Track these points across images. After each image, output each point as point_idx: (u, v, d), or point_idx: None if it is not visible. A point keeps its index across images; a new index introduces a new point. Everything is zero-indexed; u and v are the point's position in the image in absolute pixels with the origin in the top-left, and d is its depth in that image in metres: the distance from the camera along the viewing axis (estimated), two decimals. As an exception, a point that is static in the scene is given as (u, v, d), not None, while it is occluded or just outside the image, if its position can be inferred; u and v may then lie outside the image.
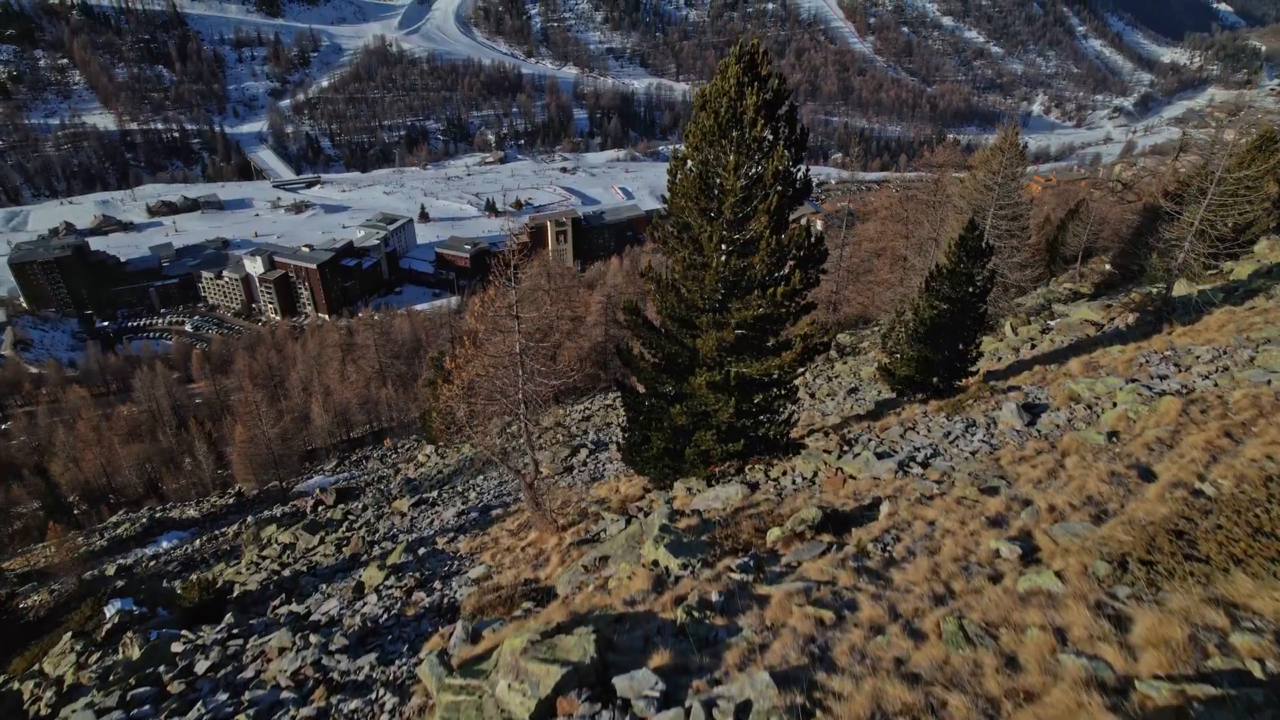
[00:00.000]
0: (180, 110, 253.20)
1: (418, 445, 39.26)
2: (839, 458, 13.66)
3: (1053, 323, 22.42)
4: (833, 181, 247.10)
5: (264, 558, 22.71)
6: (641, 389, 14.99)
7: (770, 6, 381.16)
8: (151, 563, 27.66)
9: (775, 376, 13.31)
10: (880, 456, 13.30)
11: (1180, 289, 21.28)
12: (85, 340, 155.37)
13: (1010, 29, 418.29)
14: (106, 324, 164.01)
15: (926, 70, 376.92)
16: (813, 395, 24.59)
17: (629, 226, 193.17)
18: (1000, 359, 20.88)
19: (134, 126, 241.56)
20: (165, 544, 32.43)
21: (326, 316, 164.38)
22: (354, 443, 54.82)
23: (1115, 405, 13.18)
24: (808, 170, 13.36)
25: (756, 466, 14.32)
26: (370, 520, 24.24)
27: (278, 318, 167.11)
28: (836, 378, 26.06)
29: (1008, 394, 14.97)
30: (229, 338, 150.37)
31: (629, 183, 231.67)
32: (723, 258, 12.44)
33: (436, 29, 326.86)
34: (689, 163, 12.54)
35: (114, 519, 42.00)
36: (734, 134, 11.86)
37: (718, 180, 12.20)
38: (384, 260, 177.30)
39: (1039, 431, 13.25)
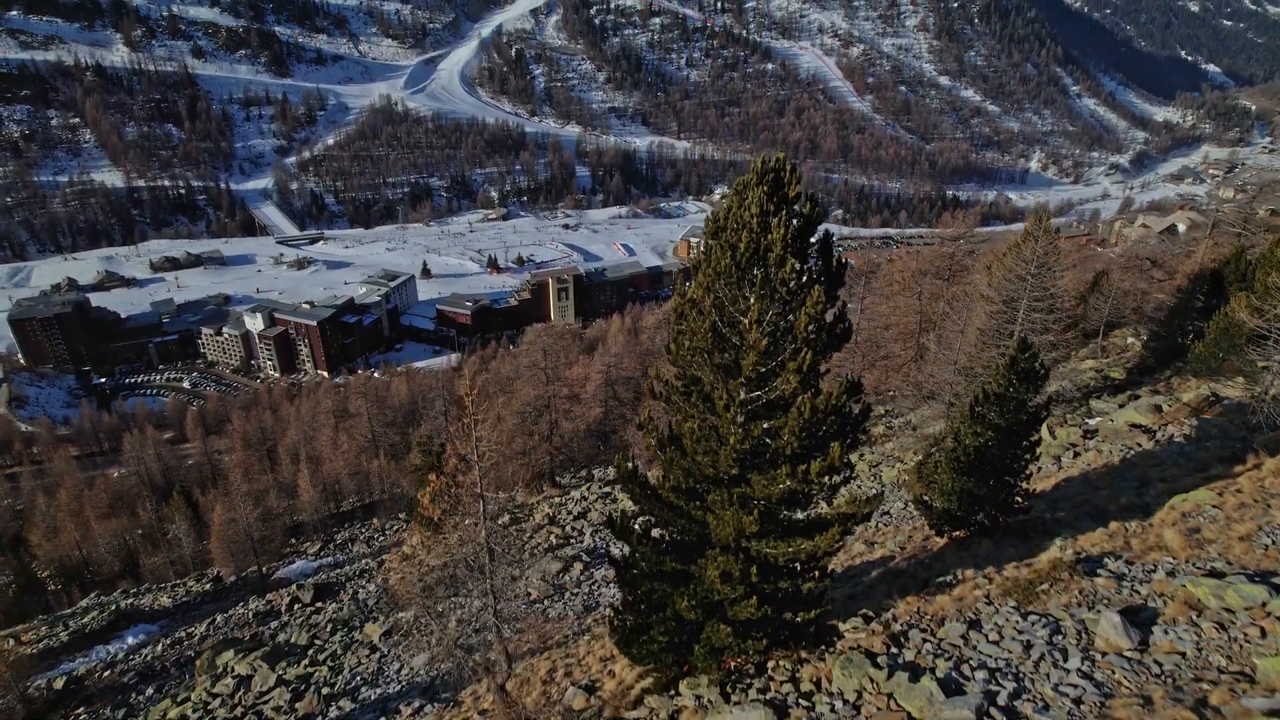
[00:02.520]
0: (187, 167, 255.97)
1: (406, 526, 37.24)
2: (888, 674, 10.47)
3: (1092, 422, 20.59)
4: (834, 238, 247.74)
5: (214, 695, 20.55)
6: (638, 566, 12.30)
7: (769, 67, 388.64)
8: (107, 672, 25.57)
9: (806, 561, 10.82)
10: (947, 689, 9.95)
11: (1237, 390, 19.50)
12: (81, 397, 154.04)
13: (1006, 88, 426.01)
14: (104, 381, 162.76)
15: (925, 128, 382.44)
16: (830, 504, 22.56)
17: (630, 283, 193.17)
18: (1040, 469, 19.13)
19: (141, 183, 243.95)
20: (130, 639, 30.21)
21: (325, 374, 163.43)
22: (343, 516, 52.76)
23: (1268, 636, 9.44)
24: (845, 308, 11.19)
25: (782, 664, 11.85)
26: (336, 652, 22.12)
27: (277, 375, 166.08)
28: (855, 479, 24.23)
29: (1091, 575, 11.87)
30: (226, 396, 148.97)
31: (631, 239, 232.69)
32: (740, 420, 10.25)
33: (442, 88, 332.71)
34: (698, 305, 10.38)
35: (84, 603, 39.74)
36: (756, 274, 9.84)
37: (735, 329, 10.12)
38: (385, 317, 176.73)
39: (1159, 667, 9.58)
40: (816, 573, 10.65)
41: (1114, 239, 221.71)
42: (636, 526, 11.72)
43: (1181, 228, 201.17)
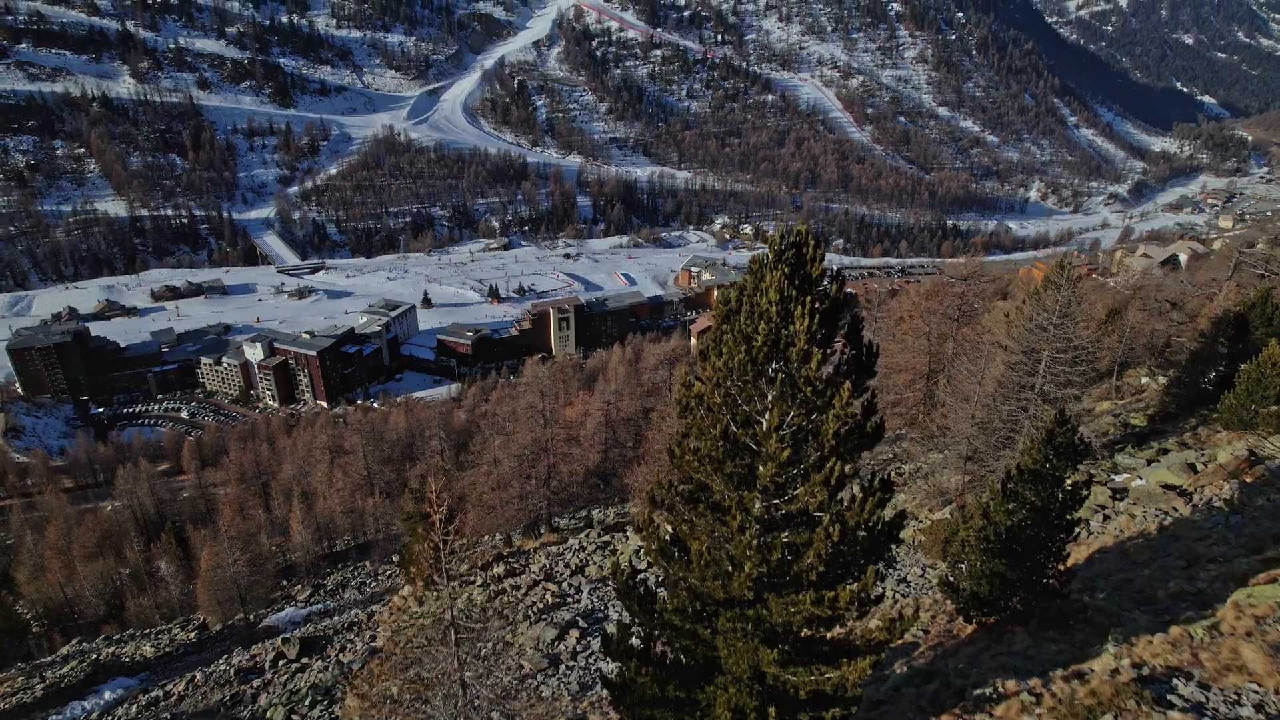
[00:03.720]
0: (190, 197, 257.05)
1: (399, 572, 36.05)
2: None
3: (1118, 478, 19.43)
4: (834, 267, 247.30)
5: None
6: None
7: (770, 98, 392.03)
8: (80, 735, 24.38)
9: (832, 694, 9.03)
10: None
11: (1276, 449, 18.45)
12: (78, 428, 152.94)
13: (1004, 119, 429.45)
14: (101, 411, 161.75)
15: (924, 158, 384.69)
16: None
17: (631, 313, 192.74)
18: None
19: (144, 213, 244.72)
20: (108, 694, 28.92)
21: (325, 404, 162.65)
22: (336, 557, 51.49)
23: None
24: (874, 399, 9.60)
25: (802, 805, 10.42)
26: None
27: (276, 405, 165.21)
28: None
29: (1162, 704, 9.82)
30: (224, 426, 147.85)
31: (632, 268, 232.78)
32: (755, 541, 8.69)
33: (445, 119, 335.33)
34: (707, 402, 8.94)
35: (65, 650, 38.40)
36: (776, 369, 8.48)
37: (750, 430, 8.64)
38: (385, 347, 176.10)
39: None
40: (840, 707, 9.20)
41: (1115, 268, 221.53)
42: (635, 641, 10.39)
43: (1183, 258, 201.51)
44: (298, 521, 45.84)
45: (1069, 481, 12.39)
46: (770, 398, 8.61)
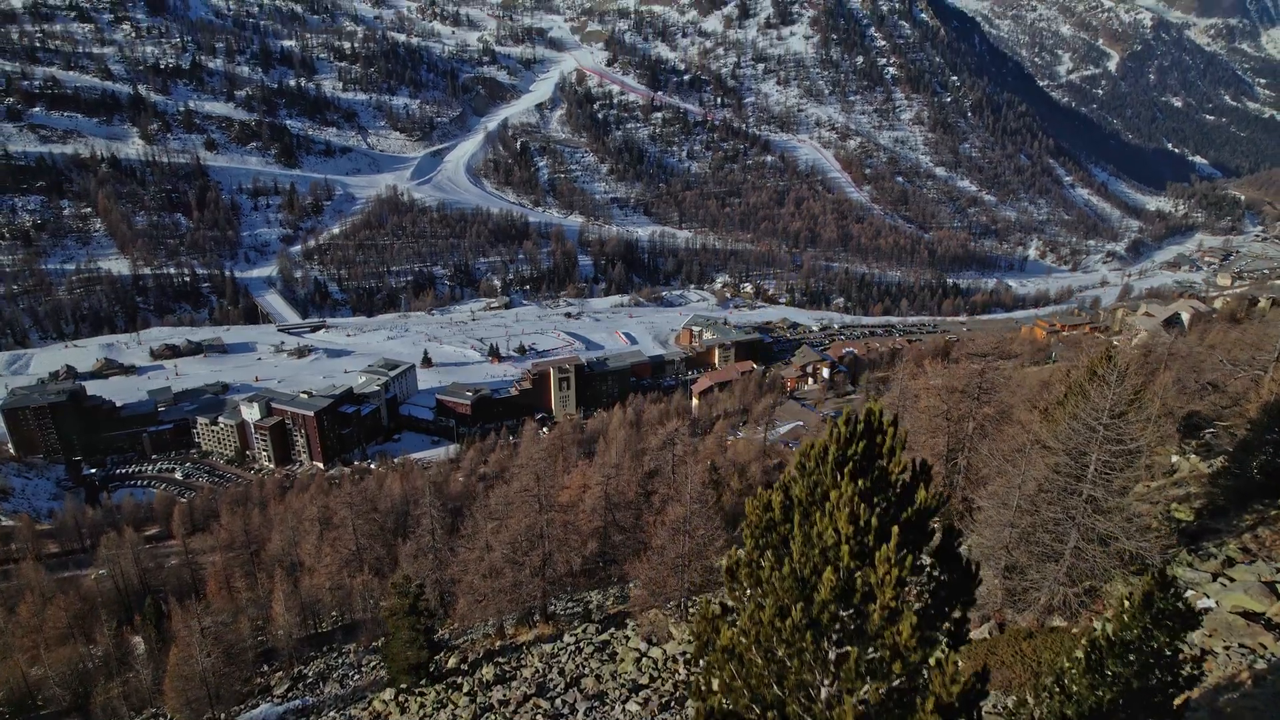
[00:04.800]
0: (194, 256, 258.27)
1: (381, 665, 33.70)
2: None
3: (1188, 593, 17.33)
4: (835, 326, 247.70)
5: None
6: None
7: (769, 159, 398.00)
8: None
9: None
10: None
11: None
12: (69, 489, 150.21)
13: (1001, 178, 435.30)
14: (94, 471, 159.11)
15: (923, 217, 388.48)
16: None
17: (632, 372, 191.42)
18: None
19: (147, 271, 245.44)
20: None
21: (321, 465, 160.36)
22: (321, 638, 48.91)
23: None
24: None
25: None
26: None
27: (272, 466, 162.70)
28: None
29: None
30: (218, 488, 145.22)
31: (633, 327, 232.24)
32: None
33: (448, 179, 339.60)
34: (741, 657, 6.48)
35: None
36: (844, 620, 6.18)
37: (802, 696, 6.25)
38: (384, 407, 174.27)
39: None
40: None
41: (1117, 326, 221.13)
42: None
43: (1185, 317, 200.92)
44: (281, 603, 43.50)
45: (1167, 653, 10.28)
46: (835, 666, 6.23)
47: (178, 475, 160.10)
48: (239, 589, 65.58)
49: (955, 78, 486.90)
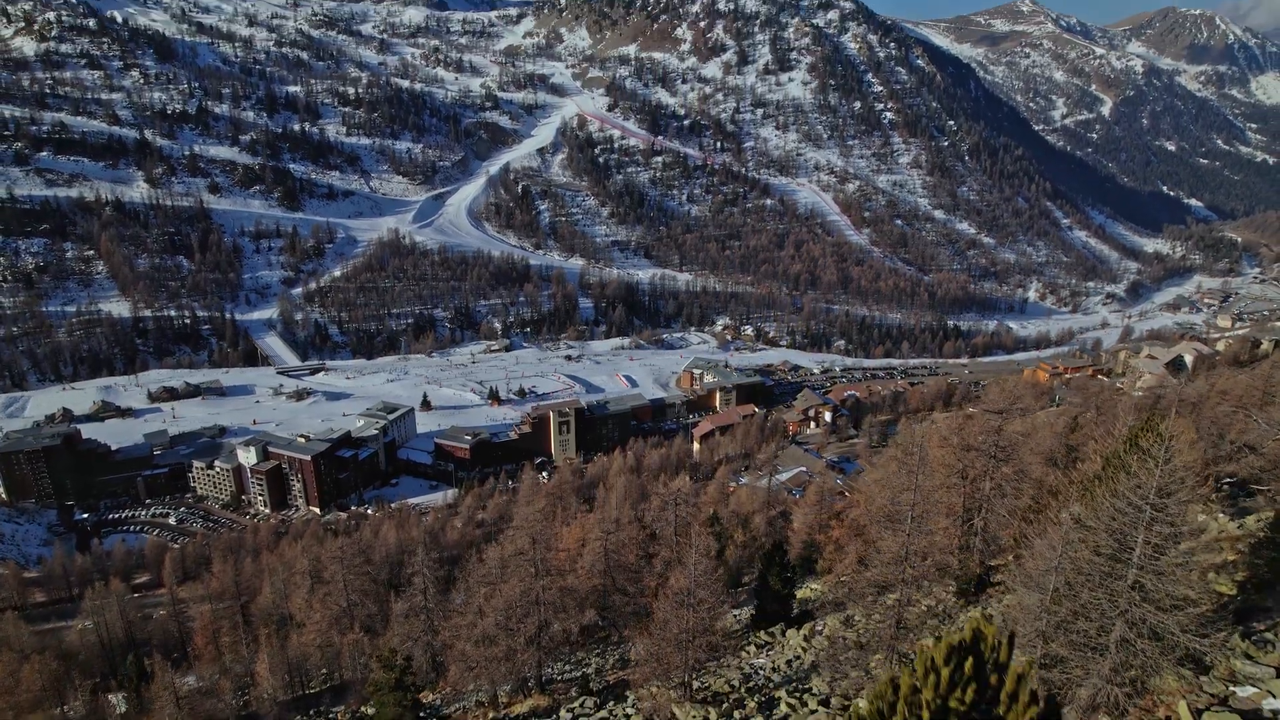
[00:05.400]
0: (195, 298, 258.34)
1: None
2: None
3: (1242, 692, 15.65)
4: (837, 368, 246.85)
5: None
6: None
7: (768, 202, 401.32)
8: None
9: None
10: None
11: None
12: (60, 535, 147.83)
13: (999, 221, 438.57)
14: (86, 516, 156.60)
15: (922, 259, 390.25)
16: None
17: (633, 416, 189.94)
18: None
19: (147, 313, 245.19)
20: None
21: (318, 510, 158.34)
22: (308, 700, 46.93)
23: None
24: None
25: None
26: None
27: (267, 510, 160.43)
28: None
29: None
30: (212, 535, 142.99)
31: (633, 370, 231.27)
32: None
33: (449, 223, 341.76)
34: None
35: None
36: None
37: None
38: (382, 451, 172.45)
39: None
40: None
41: (1120, 368, 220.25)
42: None
43: (1189, 359, 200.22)
44: (264, 665, 41.71)
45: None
46: None
47: (171, 520, 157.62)
48: (226, 643, 63.65)
49: (952, 122, 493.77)
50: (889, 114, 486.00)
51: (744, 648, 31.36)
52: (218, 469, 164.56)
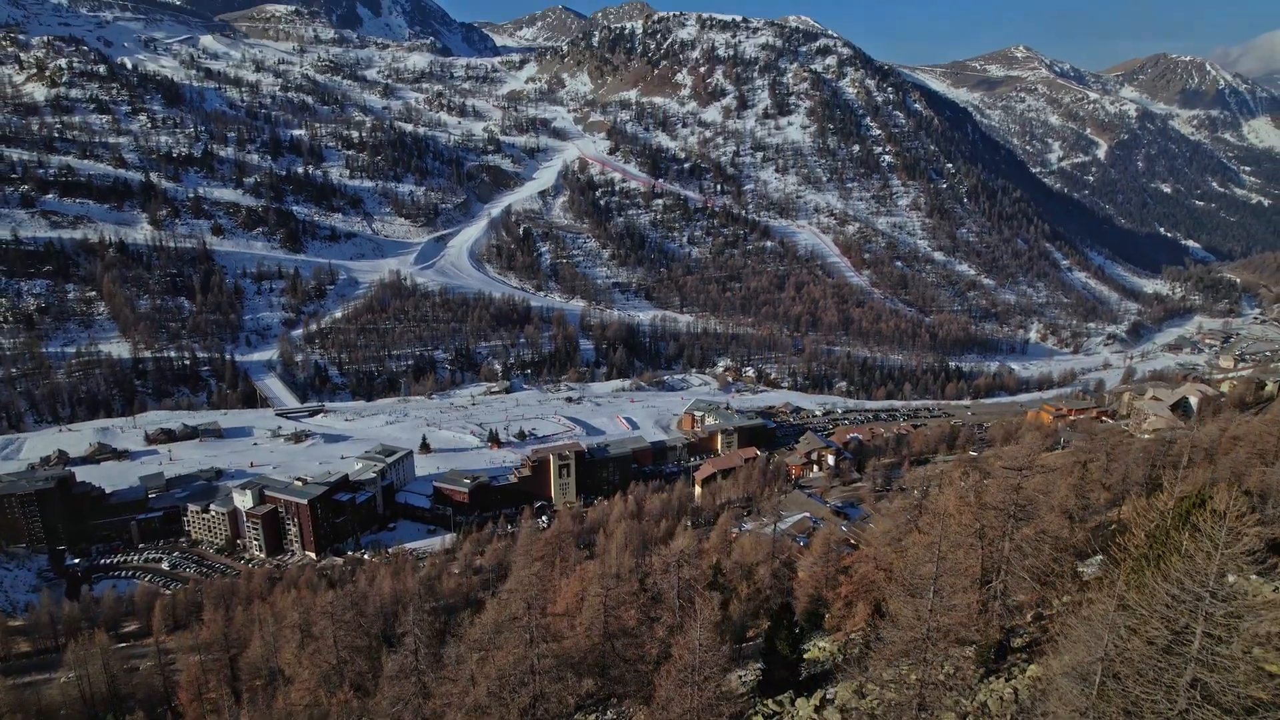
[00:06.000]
0: (195, 339, 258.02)
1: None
2: None
3: None
4: (839, 410, 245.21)
5: None
6: None
7: (769, 244, 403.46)
8: None
9: None
10: None
11: None
12: (50, 580, 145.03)
13: (999, 262, 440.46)
14: (77, 562, 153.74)
15: (923, 301, 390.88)
16: None
17: (634, 458, 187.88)
18: None
19: (147, 354, 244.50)
20: None
21: (314, 555, 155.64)
22: (297, 766, 44.89)
23: None
24: None
25: None
26: None
27: (262, 555, 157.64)
28: None
29: None
30: (204, 581, 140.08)
31: (634, 412, 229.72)
32: None
33: (450, 264, 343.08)
34: None
35: None
36: None
37: None
38: (379, 494, 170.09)
39: None
40: None
41: (1124, 410, 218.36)
42: None
43: (1194, 401, 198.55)
44: (250, 731, 39.87)
45: None
46: None
47: (164, 566, 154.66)
48: (212, 699, 61.49)
49: (950, 165, 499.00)
50: (887, 157, 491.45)
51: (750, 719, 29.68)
52: (213, 513, 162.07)
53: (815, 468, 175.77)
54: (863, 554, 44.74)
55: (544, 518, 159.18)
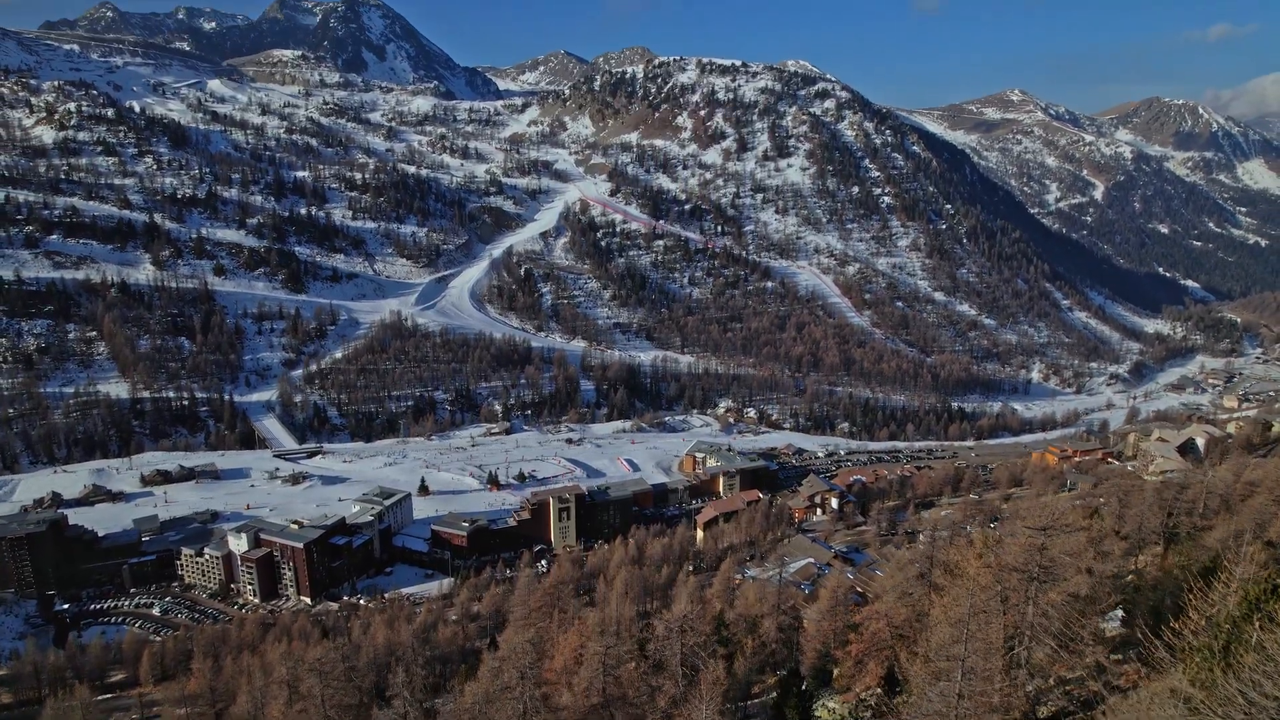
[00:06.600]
0: (194, 379, 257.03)
1: None
2: None
3: None
4: (841, 451, 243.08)
5: None
6: None
7: (769, 285, 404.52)
8: None
9: None
10: None
11: None
12: (39, 627, 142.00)
13: (999, 302, 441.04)
14: (66, 607, 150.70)
15: (924, 341, 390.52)
16: None
17: (635, 501, 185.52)
18: None
19: (146, 394, 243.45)
20: None
21: (309, 600, 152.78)
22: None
23: None
24: None
25: None
26: None
27: (256, 600, 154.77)
28: None
29: None
30: (196, 627, 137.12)
31: (635, 454, 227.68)
32: None
33: (452, 305, 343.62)
34: None
35: None
36: None
37: None
38: (377, 538, 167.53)
39: None
40: None
41: (1130, 451, 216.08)
42: None
43: (1201, 442, 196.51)
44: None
45: None
46: None
47: (155, 611, 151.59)
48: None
49: (949, 206, 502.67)
50: (887, 198, 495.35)
51: (760, 794, 27.91)
52: (207, 556, 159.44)
53: (819, 511, 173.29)
54: (873, 610, 43.07)
55: (543, 562, 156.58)
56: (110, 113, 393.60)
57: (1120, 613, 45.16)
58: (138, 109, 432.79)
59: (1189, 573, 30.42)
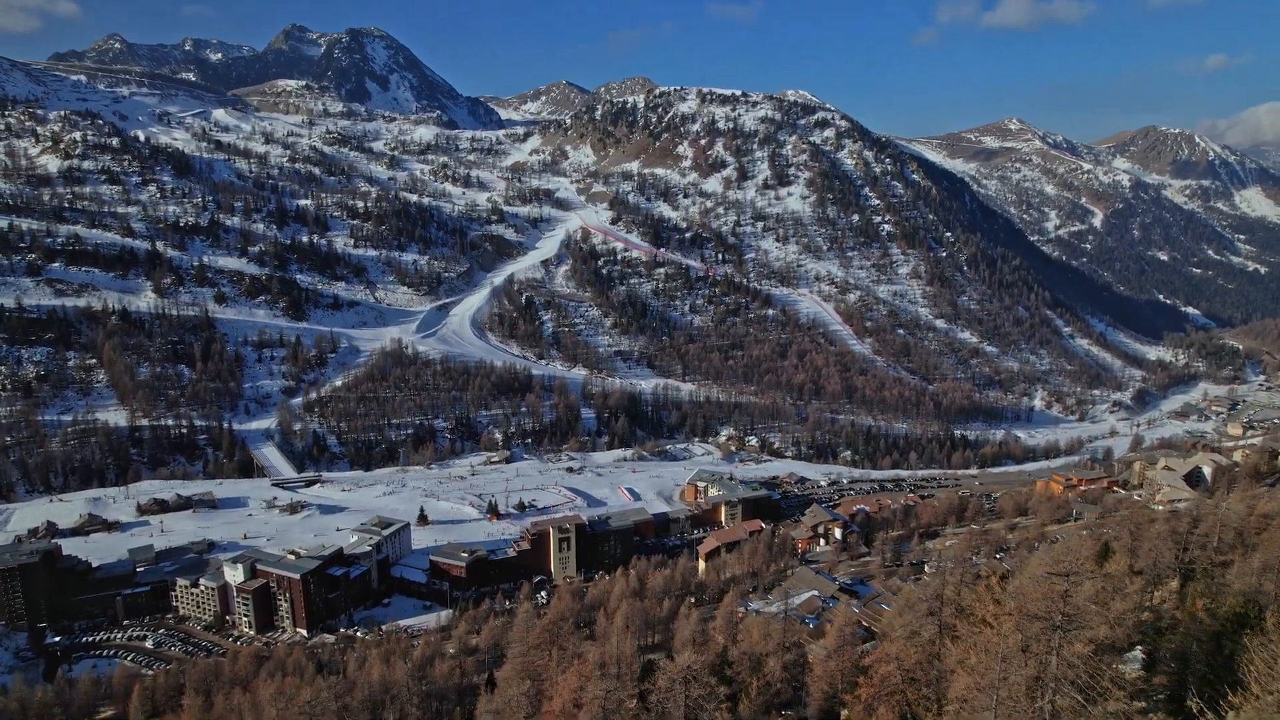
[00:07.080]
0: (194, 407, 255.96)
1: None
2: None
3: None
4: (844, 480, 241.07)
5: None
6: None
7: (770, 312, 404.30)
8: None
9: None
10: None
11: None
12: (29, 660, 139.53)
13: (1001, 330, 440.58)
14: (58, 640, 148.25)
15: (926, 369, 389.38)
16: None
17: (636, 531, 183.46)
18: None
19: (144, 422, 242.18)
20: None
21: (305, 632, 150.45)
22: None
23: None
24: None
25: None
26: None
27: (252, 632, 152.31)
28: None
29: None
30: (190, 660, 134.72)
31: (636, 482, 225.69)
32: None
33: (452, 332, 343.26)
34: None
35: None
36: None
37: None
38: (375, 568, 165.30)
39: None
40: None
41: (1136, 479, 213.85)
42: None
43: (1207, 471, 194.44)
44: None
45: None
46: None
47: (148, 644, 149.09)
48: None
49: (949, 233, 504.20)
50: (887, 226, 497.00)
51: None
52: (202, 587, 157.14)
53: (822, 541, 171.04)
54: (883, 653, 41.62)
55: (543, 593, 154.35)
56: (115, 142, 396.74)
57: (1140, 654, 43.63)
58: (142, 138, 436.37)
59: (1217, 617, 29.09)
